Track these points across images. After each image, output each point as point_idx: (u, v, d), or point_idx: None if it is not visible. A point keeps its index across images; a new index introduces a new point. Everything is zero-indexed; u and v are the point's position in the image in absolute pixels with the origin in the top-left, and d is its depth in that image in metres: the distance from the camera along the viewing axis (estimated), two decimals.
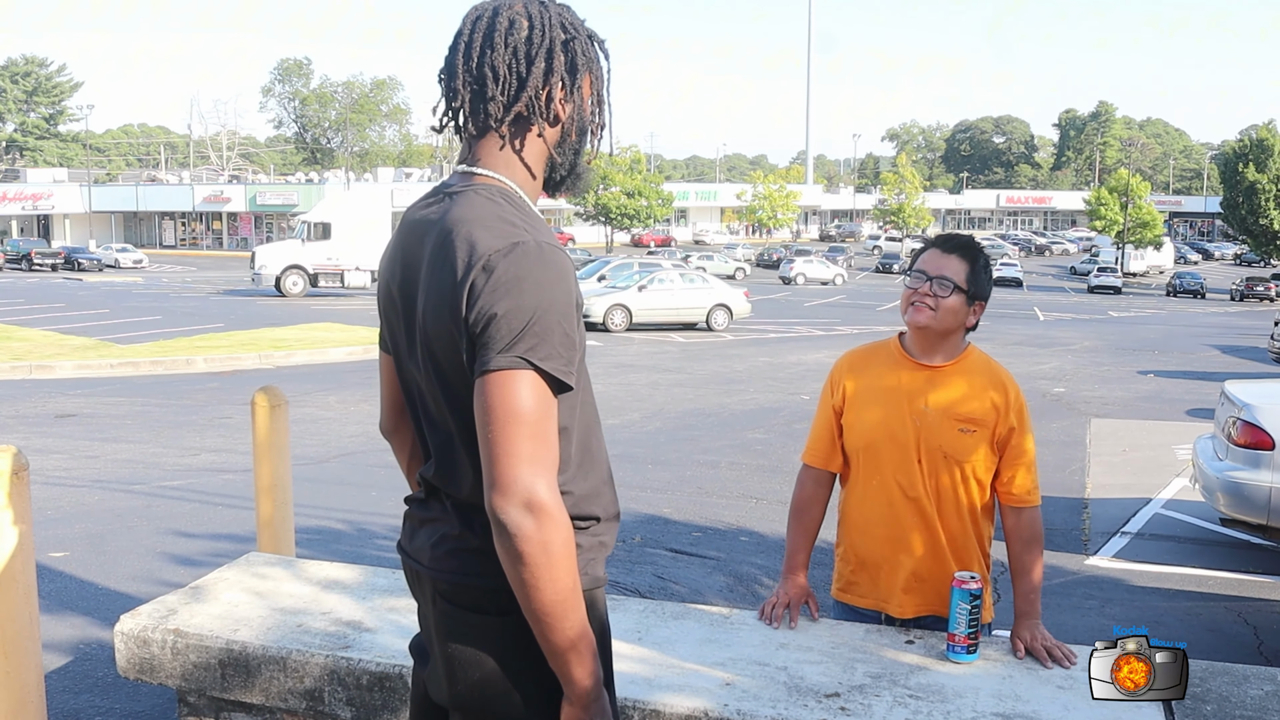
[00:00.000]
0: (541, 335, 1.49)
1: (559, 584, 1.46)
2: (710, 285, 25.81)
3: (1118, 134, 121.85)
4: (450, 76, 1.66)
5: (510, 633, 1.58)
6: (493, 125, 1.64)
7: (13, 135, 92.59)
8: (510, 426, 1.46)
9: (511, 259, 1.50)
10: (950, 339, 2.72)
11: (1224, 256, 79.98)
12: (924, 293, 2.67)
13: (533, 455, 1.46)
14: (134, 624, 2.86)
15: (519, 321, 1.48)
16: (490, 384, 1.48)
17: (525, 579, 1.46)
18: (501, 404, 1.47)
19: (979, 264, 2.71)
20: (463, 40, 1.64)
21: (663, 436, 10.75)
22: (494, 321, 1.48)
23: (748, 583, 6.08)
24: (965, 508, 2.69)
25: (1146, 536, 7.53)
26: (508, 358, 1.48)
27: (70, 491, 7.64)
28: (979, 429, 2.66)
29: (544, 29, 1.63)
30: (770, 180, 77.81)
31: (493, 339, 1.48)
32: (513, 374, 1.48)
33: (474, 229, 1.54)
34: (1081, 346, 23.06)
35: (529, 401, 1.48)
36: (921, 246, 2.84)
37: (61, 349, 16.35)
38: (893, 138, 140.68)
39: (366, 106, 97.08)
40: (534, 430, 1.47)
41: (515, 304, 1.48)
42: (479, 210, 1.58)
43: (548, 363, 1.49)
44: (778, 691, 2.42)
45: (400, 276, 1.68)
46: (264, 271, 31.73)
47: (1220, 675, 2.57)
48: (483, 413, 1.49)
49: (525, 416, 1.47)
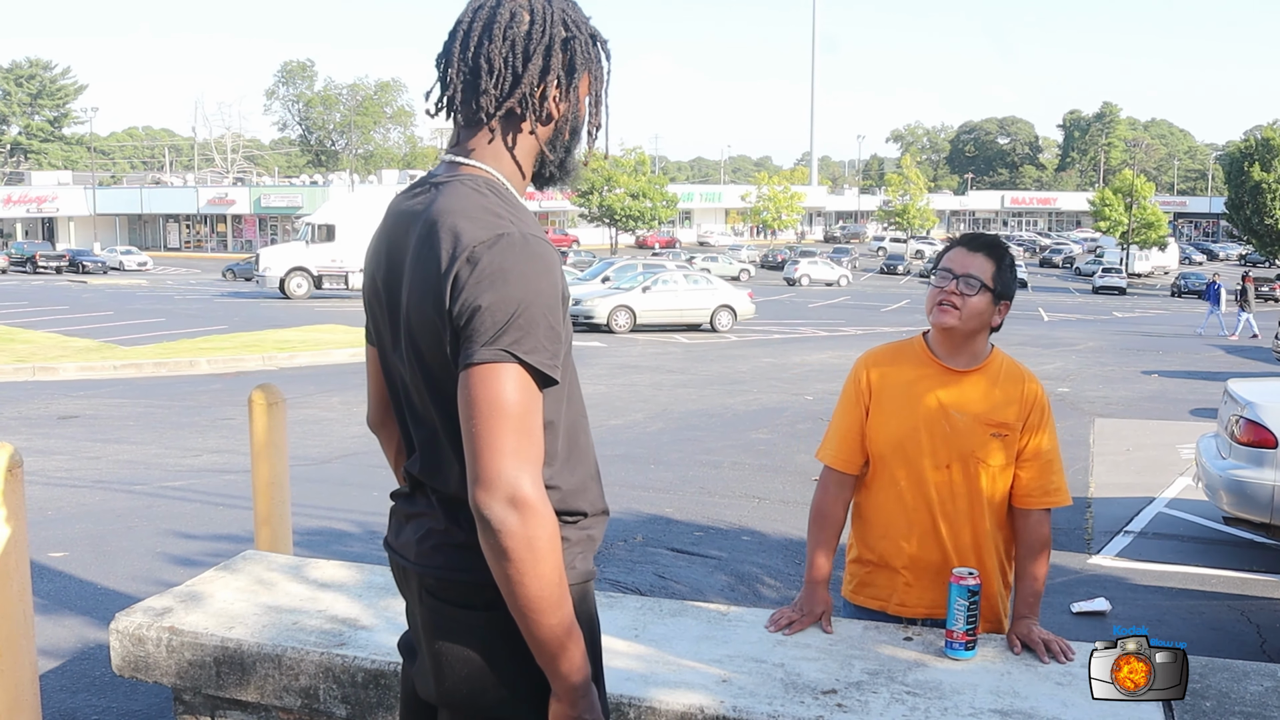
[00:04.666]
0: (526, 328, 1.46)
1: (544, 579, 1.44)
2: (714, 286, 25.78)
3: (1122, 135, 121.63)
4: (446, 64, 1.64)
5: (497, 628, 1.56)
6: (484, 118, 1.62)
7: (17, 138, 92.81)
8: (494, 420, 1.44)
9: (496, 251, 1.48)
10: (976, 340, 2.69)
11: (1229, 257, 79.70)
12: (950, 291, 2.63)
13: (517, 449, 1.44)
14: (129, 622, 2.85)
15: (503, 314, 1.45)
16: (474, 377, 1.46)
17: (510, 574, 1.44)
18: (485, 398, 1.45)
19: (1005, 263, 2.67)
20: (462, 28, 1.62)
21: (666, 437, 10.73)
22: (478, 314, 1.46)
23: (749, 582, 6.06)
24: (992, 510, 2.67)
25: (1150, 535, 7.50)
26: (492, 351, 1.45)
27: (71, 492, 7.64)
28: (1010, 433, 2.64)
29: (545, 24, 1.61)
30: (775, 182, 77.81)
31: (477, 332, 1.46)
32: (497, 367, 1.45)
33: (459, 220, 1.52)
34: (1086, 347, 23.01)
35: (513, 395, 1.46)
36: (947, 245, 2.78)
37: (65, 351, 16.37)
38: (897, 139, 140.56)
39: (371, 109, 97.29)
40: (518, 424, 1.45)
41: (500, 296, 1.46)
42: (465, 201, 1.55)
43: (532, 356, 1.47)
44: (774, 688, 2.41)
45: (385, 268, 1.66)
46: (268, 273, 31.76)
47: (1220, 671, 2.55)
48: (466, 406, 1.47)
49: (509, 410, 1.45)
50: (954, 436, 2.64)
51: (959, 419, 2.64)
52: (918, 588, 2.72)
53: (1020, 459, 2.68)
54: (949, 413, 2.65)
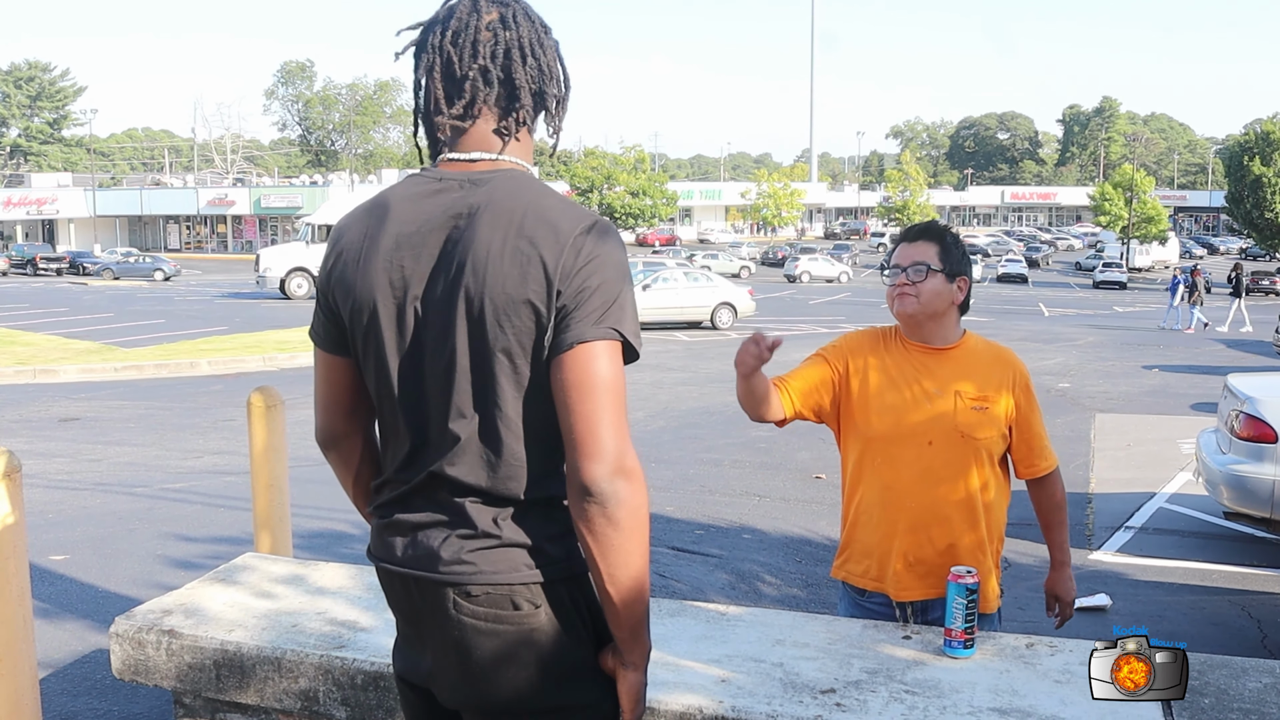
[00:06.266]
0: (625, 307, 1.57)
1: (646, 548, 1.54)
2: (715, 284, 25.76)
3: (1122, 129, 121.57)
4: (461, 69, 1.64)
5: (552, 622, 1.58)
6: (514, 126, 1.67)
7: (17, 140, 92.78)
8: (603, 395, 1.52)
9: (594, 236, 1.56)
10: (944, 321, 2.73)
11: (1229, 251, 79.70)
12: (902, 284, 2.71)
13: (620, 423, 1.53)
14: (129, 625, 2.86)
15: (610, 295, 1.55)
16: (584, 355, 1.52)
17: (619, 545, 1.50)
18: (595, 373, 1.52)
19: (947, 241, 2.74)
20: (467, 39, 1.65)
21: (666, 435, 10.74)
22: (589, 295, 1.53)
23: (750, 580, 6.06)
24: (979, 486, 2.70)
25: (1150, 531, 7.50)
26: (601, 329, 1.53)
27: (72, 495, 7.65)
28: (991, 406, 2.69)
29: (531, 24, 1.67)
30: (774, 178, 77.80)
31: (586, 313, 1.53)
32: (606, 344, 1.54)
33: (549, 210, 1.57)
34: (1086, 342, 22.99)
35: (617, 371, 1.55)
36: (891, 245, 2.84)
37: (65, 353, 16.39)
38: (897, 135, 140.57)
39: (370, 108, 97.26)
40: (620, 399, 1.54)
41: (605, 279, 1.55)
42: (538, 193, 1.61)
43: (634, 337, 1.58)
44: (773, 688, 2.41)
45: (407, 263, 1.60)
46: (269, 274, 31.74)
47: (1219, 668, 2.55)
48: (573, 384, 1.52)
49: (614, 385, 1.53)
50: (939, 413, 2.67)
51: (942, 395, 2.68)
52: (909, 568, 2.72)
53: (1017, 431, 2.76)
54: (931, 390, 2.69)
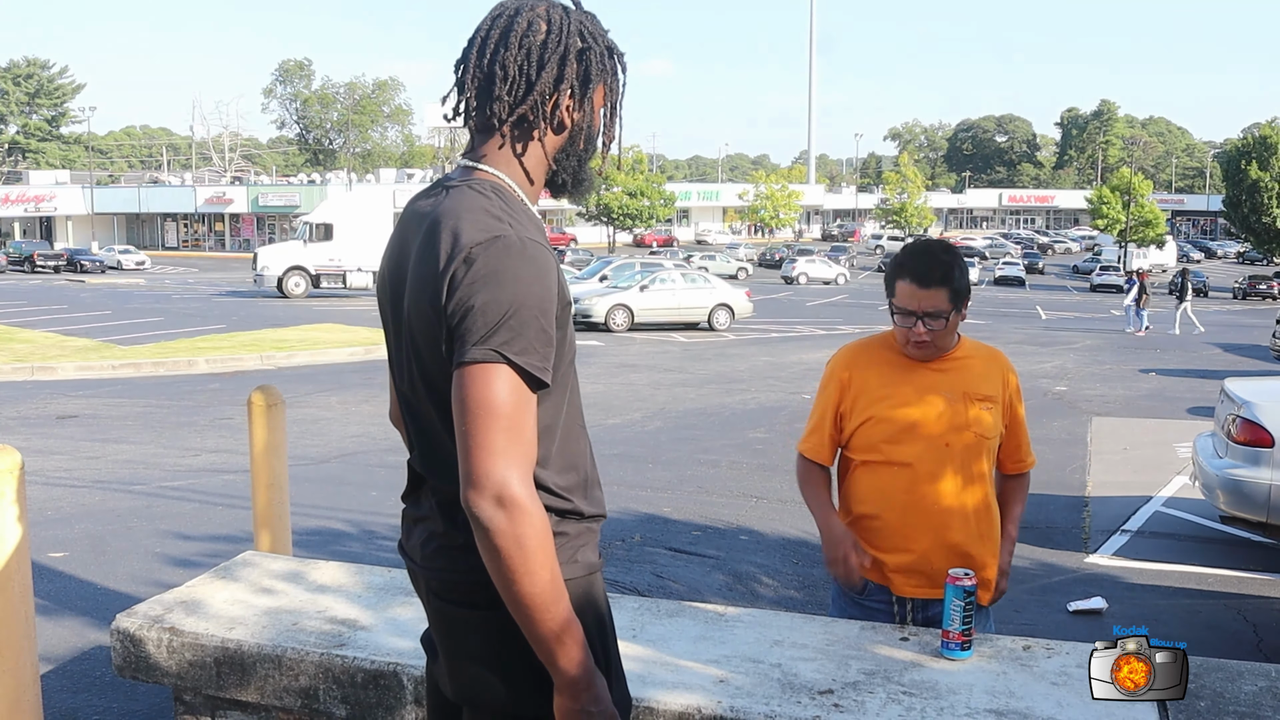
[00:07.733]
0: (518, 330, 1.48)
1: (535, 576, 1.46)
2: (712, 285, 25.79)
3: (1120, 132, 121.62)
4: (463, 70, 1.67)
5: (499, 626, 1.58)
6: (495, 124, 1.65)
7: (15, 137, 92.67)
8: (483, 420, 1.46)
9: (492, 252, 1.50)
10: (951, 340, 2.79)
11: (1226, 255, 79.78)
12: (919, 333, 2.66)
13: (505, 449, 1.46)
14: (129, 623, 2.87)
15: (495, 315, 1.48)
16: (465, 376, 1.48)
17: (502, 572, 1.47)
18: (475, 397, 1.47)
19: (956, 278, 2.66)
20: (480, 35, 1.65)
21: (664, 436, 10.74)
22: (471, 314, 1.48)
23: (747, 581, 6.07)
24: (987, 482, 2.75)
25: (1147, 534, 7.51)
26: (483, 350, 1.47)
27: (71, 492, 7.65)
28: (994, 404, 2.75)
29: (561, 34, 1.64)
30: (772, 180, 77.84)
31: (469, 331, 1.48)
32: (487, 367, 1.47)
33: (459, 221, 1.55)
34: (1083, 345, 23.02)
35: (502, 395, 1.47)
36: (894, 268, 2.74)
37: (63, 350, 16.36)
38: (895, 137, 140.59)
39: (368, 107, 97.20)
40: (507, 424, 1.47)
41: (492, 297, 1.48)
42: (468, 203, 1.58)
43: (523, 357, 1.49)
44: (771, 688, 2.42)
45: (393, 266, 1.70)
46: (266, 273, 31.73)
47: (1215, 671, 2.56)
48: (458, 405, 1.49)
49: (498, 410, 1.47)
50: (951, 413, 2.70)
51: (951, 397, 2.71)
52: (919, 567, 2.73)
53: (1010, 428, 2.82)
54: (939, 392, 2.72)
